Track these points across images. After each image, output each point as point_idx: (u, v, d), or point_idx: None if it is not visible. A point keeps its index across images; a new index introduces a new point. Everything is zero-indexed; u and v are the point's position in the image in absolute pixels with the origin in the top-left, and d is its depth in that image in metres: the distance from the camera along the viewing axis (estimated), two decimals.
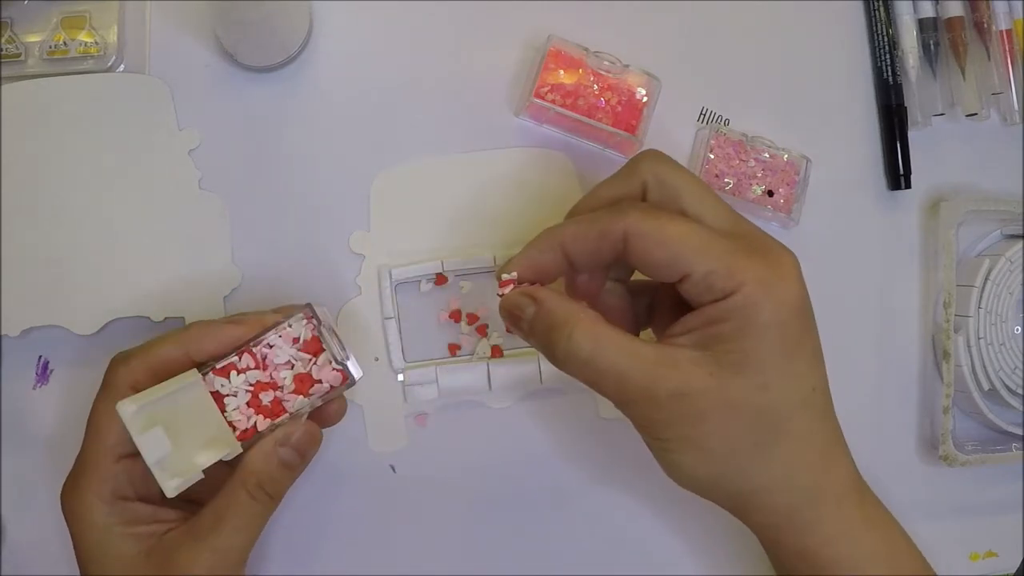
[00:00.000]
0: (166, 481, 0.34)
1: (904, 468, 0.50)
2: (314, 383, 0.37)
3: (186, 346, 0.37)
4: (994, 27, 0.51)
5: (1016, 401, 0.49)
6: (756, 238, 0.36)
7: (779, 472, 0.35)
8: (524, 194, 0.47)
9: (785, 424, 0.35)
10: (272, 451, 0.37)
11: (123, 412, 0.33)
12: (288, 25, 0.44)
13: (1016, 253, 0.49)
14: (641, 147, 0.46)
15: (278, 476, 0.37)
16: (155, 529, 0.37)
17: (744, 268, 0.33)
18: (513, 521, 0.47)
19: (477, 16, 0.48)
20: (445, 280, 0.46)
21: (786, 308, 0.34)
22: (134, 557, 0.36)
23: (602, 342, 0.34)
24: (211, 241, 0.45)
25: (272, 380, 0.37)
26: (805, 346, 0.35)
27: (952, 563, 0.50)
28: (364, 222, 0.46)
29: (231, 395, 0.37)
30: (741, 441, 0.34)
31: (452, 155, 0.47)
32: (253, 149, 0.46)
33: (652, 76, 0.46)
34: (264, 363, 0.37)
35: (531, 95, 0.45)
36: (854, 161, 0.50)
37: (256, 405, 0.37)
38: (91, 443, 0.37)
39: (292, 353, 0.37)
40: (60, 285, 0.43)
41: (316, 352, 0.38)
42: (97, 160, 0.44)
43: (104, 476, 0.36)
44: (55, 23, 0.45)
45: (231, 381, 0.37)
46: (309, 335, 0.37)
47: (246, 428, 0.37)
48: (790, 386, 0.34)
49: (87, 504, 0.36)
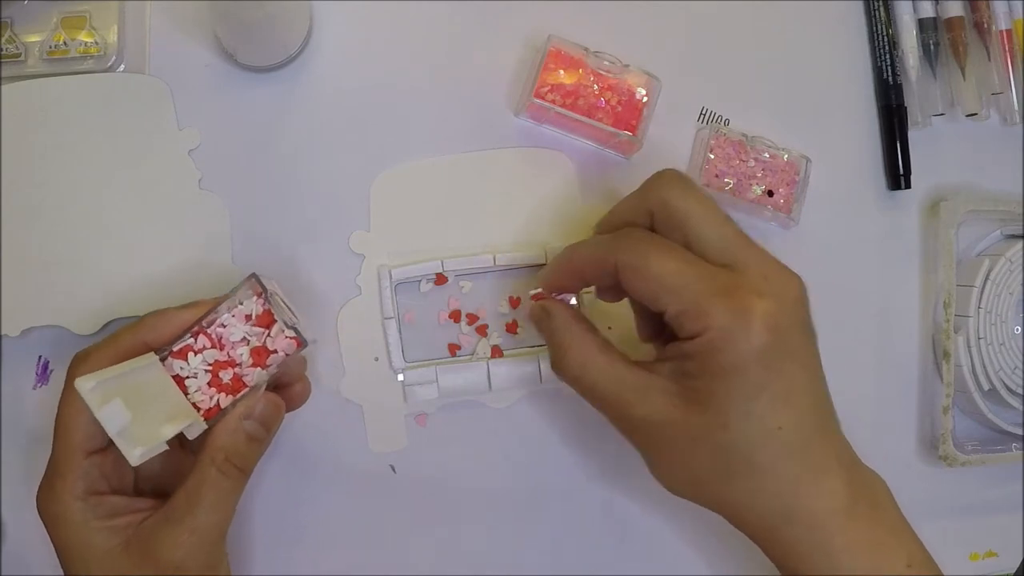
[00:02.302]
0: (130, 450, 0.34)
1: (904, 468, 0.50)
2: (270, 354, 0.38)
3: (143, 335, 0.37)
4: (994, 27, 0.51)
5: (1016, 401, 0.49)
6: (747, 274, 0.36)
7: (746, 499, 0.37)
8: (524, 194, 0.47)
9: (749, 458, 0.36)
10: (237, 426, 0.37)
11: (81, 388, 0.33)
12: (288, 25, 0.44)
13: (1016, 253, 0.49)
14: (641, 147, 0.46)
15: (245, 450, 0.38)
16: (131, 520, 0.37)
17: (711, 313, 0.35)
18: (513, 521, 0.47)
19: (477, 16, 0.48)
20: (445, 280, 0.46)
21: (746, 355, 0.34)
22: (113, 549, 0.36)
23: (588, 367, 0.38)
24: (211, 241, 0.45)
25: (230, 358, 0.38)
26: (770, 388, 0.35)
27: (952, 563, 0.50)
28: (364, 222, 0.46)
29: (191, 376, 0.37)
30: (706, 471, 0.37)
31: (452, 155, 0.47)
32: (253, 149, 0.46)
33: (652, 76, 0.46)
34: (220, 343, 0.38)
35: (531, 95, 0.45)
36: (854, 161, 0.50)
37: (217, 384, 0.38)
38: (60, 442, 0.37)
39: (246, 330, 0.38)
40: (60, 285, 0.43)
41: (269, 325, 0.38)
42: (97, 160, 0.44)
43: (76, 473, 0.36)
44: (55, 23, 0.45)
45: (189, 363, 0.37)
46: (260, 310, 0.38)
47: (210, 407, 0.37)
48: (750, 427, 0.35)
49: (62, 503, 0.36)
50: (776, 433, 0.35)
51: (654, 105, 0.46)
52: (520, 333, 0.46)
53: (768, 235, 0.49)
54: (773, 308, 0.35)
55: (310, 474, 0.45)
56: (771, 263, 0.37)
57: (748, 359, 0.34)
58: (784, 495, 0.36)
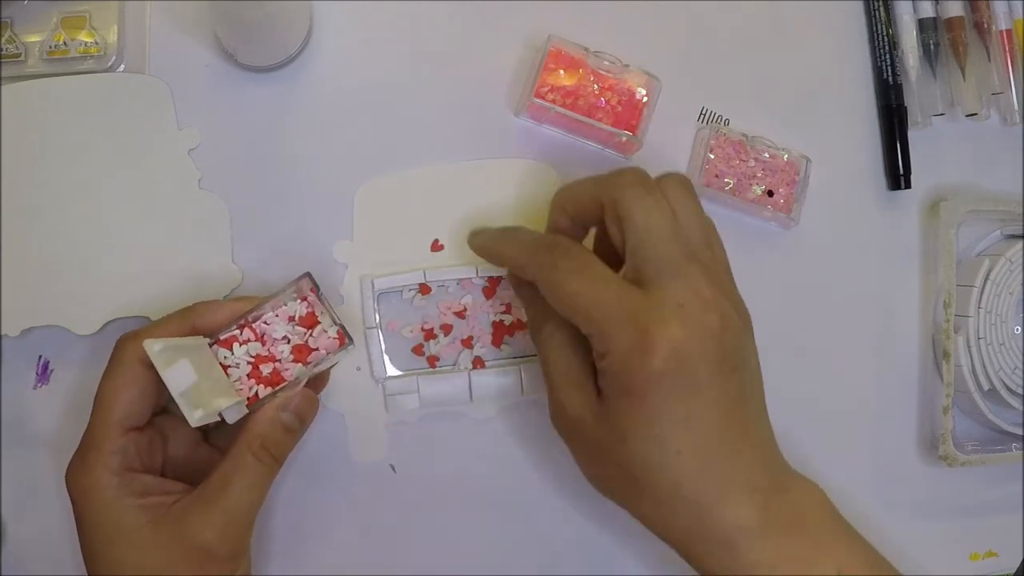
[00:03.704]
0: (191, 412, 0.35)
1: (904, 468, 0.50)
2: (311, 351, 0.40)
3: (192, 320, 0.39)
4: (994, 27, 0.51)
5: (1016, 401, 0.49)
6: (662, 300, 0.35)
7: (656, 515, 0.37)
8: (508, 206, 0.47)
9: (652, 479, 0.36)
10: (275, 415, 0.39)
11: (150, 348, 0.35)
12: (288, 25, 0.44)
13: (1016, 253, 0.49)
14: (641, 147, 0.46)
15: (281, 439, 0.39)
16: (162, 500, 0.37)
17: (614, 337, 0.35)
18: (494, 529, 0.46)
19: (477, 16, 0.48)
20: (429, 290, 0.46)
21: (644, 381, 0.35)
22: (142, 527, 0.36)
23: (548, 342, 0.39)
24: (211, 241, 0.45)
25: (271, 354, 0.39)
26: (670, 414, 0.35)
27: (952, 563, 0.50)
28: (348, 230, 0.46)
29: (234, 366, 0.39)
30: (618, 481, 0.38)
31: (439, 164, 0.47)
32: (253, 149, 0.46)
33: (652, 76, 0.46)
34: (263, 338, 0.39)
35: (531, 95, 0.45)
36: (854, 161, 0.50)
37: (257, 376, 0.39)
38: (99, 417, 0.37)
39: (288, 329, 0.40)
40: (60, 285, 0.43)
41: (312, 326, 0.40)
42: (97, 160, 0.44)
43: (113, 448, 0.37)
44: (55, 23, 0.45)
45: (233, 352, 0.39)
46: (304, 311, 0.40)
47: (248, 397, 0.39)
48: (650, 449, 0.35)
49: (96, 477, 0.37)
50: (677, 457, 0.35)
51: (654, 105, 0.46)
52: (503, 347, 0.46)
53: (768, 235, 0.49)
54: (678, 336, 0.35)
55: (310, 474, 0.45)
56: (699, 290, 0.36)
57: (647, 385, 0.35)
58: (690, 516, 0.36)
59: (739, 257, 0.40)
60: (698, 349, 0.35)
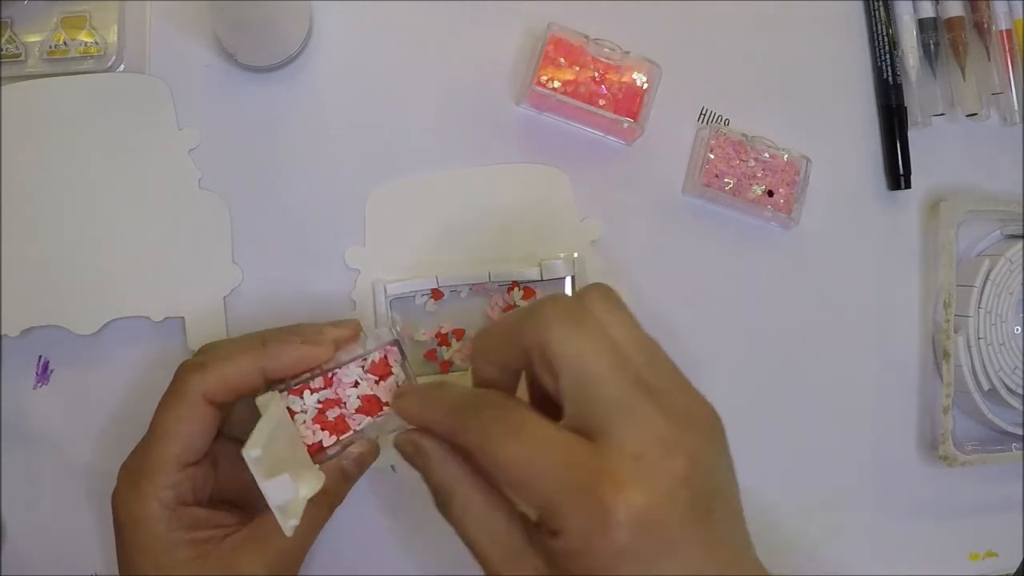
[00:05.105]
0: (287, 522, 0.34)
1: (904, 468, 0.50)
2: (383, 405, 0.39)
3: (263, 363, 0.37)
4: (994, 27, 0.51)
5: (1016, 401, 0.49)
6: (616, 454, 0.30)
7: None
8: (519, 210, 0.47)
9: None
10: (337, 464, 0.38)
11: (248, 456, 0.32)
12: (288, 25, 0.44)
13: (1016, 253, 0.49)
14: (642, 133, 0.46)
15: (341, 488, 0.39)
16: (212, 534, 0.37)
17: (565, 513, 0.30)
18: None
19: (477, 6, 0.47)
20: (441, 295, 0.46)
21: (608, 560, 0.30)
22: (191, 562, 0.36)
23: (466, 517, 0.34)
24: (211, 241, 0.45)
25: (337, 396, 0.38)
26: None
27: (952, 563, 0.50)
28: (359, 234, 0.46)
29: (300, 411, 0.38)
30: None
31: (449, 170, 0.46)
32: (253, 149, 0.46)
33: (652, 63, 0.45)
34: (331, 381, 0.38)
35: (532, 83, 0.45)
36: (854, 161, 0.50)
37: (322, 421, 0.38)
38: (157, 448, 0.37)
39: (359, 374, 0.39)
40: (60, 285, 0.43)
41: (384, 375, 0.39)
42: (97, 160, 0.44)
43: (167, 483, 0.36)
44: (55, 23, 0.45)
45: (304, 400, 0.38)
46: (378, 358, 0.39)
47: (311, 443, 0.38)
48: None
49: (147, 508, 0.36)
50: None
51: (655, 92, 0.46)
52: None
53: (768, 235, 0.49)
54: (641, 501, 0.29)
55: None
56: (655, 429, 0.31)
57: (611, 563, 0.30)
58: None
59: (739, 257, 0.40)
60: (665, 506, 0.30)
